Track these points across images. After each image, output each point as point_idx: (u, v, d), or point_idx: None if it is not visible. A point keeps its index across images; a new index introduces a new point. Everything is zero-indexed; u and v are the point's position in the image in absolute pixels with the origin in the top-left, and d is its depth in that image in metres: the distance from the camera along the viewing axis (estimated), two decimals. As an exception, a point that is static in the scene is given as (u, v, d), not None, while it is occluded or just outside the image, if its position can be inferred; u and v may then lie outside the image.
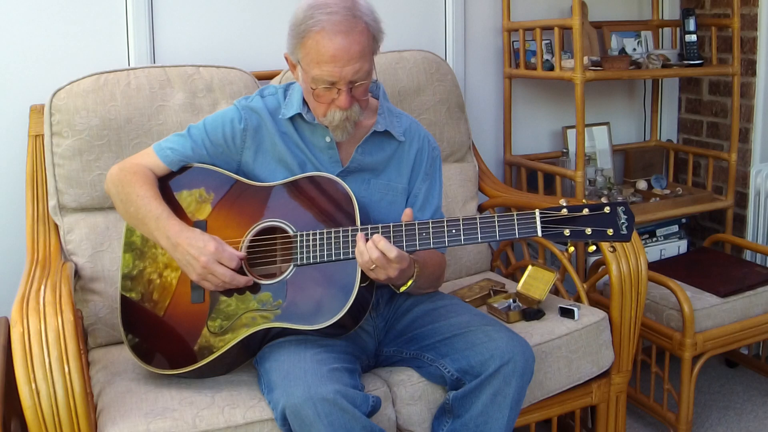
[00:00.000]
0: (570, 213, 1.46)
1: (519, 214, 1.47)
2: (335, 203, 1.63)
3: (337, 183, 1.63)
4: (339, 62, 1.52)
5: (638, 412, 2.46)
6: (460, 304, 1.77)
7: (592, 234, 1.45)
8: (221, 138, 1.71)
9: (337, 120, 1.61)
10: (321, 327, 1.55)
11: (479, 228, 1.50)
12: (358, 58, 1.53)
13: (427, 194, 1.80)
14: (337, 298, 1.56)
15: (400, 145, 1.77)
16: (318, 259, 1.58)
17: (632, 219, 1.46)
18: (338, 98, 1.57)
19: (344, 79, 1.54)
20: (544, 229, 1.47)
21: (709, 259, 2.60)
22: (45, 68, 2.09)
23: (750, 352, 2.75)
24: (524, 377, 1.60)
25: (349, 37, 1.52)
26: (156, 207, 1.62)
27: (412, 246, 1.54)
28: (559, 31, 2.46)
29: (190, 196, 1.70)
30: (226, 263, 1.56)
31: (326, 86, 1.56)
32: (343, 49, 1.51)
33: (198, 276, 1.57)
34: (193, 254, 1.55)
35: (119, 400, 1.57)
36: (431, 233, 1.53)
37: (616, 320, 2.01)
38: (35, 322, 1.42)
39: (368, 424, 1.46)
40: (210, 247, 1.55)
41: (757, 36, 2.77)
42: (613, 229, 1.45)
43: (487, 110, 2.78)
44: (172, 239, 1.58)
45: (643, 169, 3.02)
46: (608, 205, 1.46)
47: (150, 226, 1.62)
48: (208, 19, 2.29)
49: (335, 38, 1.51)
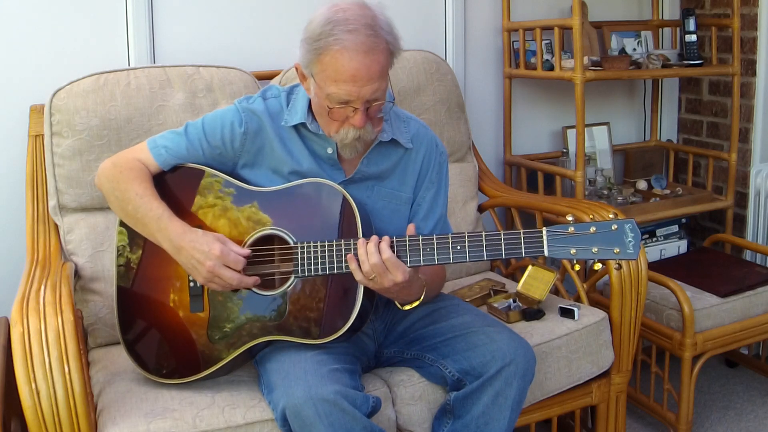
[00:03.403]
0: (577, 231, 1.45)
1: (526, 232, 1.46)
2: (337, 213, 1.58)
3: (339, 192, 1.58)
4: (358, 82, 1.47)
5: (638, 412, 2.46)
6: (461, 305, 1.76)
7: (599, 252, 1.43)
8: (219, 140, 1.65)
9: (350, 138, 1.56)
10: (322, 342, 1.54)
11: (485, 246, 1.48)
12: (377, 78, 1.49)
13: (432, 202, 1.75)
14: (339, 313, 1.54)
15: (407, 152, 1.71)
16: (319, 271, 1.54)
17: (639, 237, 1.44)
18: (353, 117, 1.52)
19: (362, 99, 1.49)
20: (551, 249, 1.45)
21: (709, 259, 2.60)
22: (45, 68, 2.08)
23: (750, 352, 2.75)
24: (525, 378, 1.60)
25: (370, 56, 1.46)
26: (156, 207, 1.57)
27: (416, 261, 1.50)
28: (559, 31, 2.46)
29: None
30: (233, 266, 1.52)
31: (341, 105, 1.51)
32: (364, 69, 1.46)
33: (204, 280, 1.54)
34: (199, 259, 1.51)
35: (119, 400, 1.57)
36: (435, 249, 1.50)
37: (616, 320, 2.01)
38: (35, 322, 1.41)
39: (368, 425, 1.46)
40: (215, 250, 1.51)
41: (757, 36, 2.77)
42: (619, 247, 1.43)
43: (487, 110, 2.78)
44: (175, 242, 1.54)
45: (643, 169, 3.02)
46: (615, 223, 1.44)
47: (151, 227, 1.57)
48: (208, 19, 2.28)
49: (356, 58, 1.45)
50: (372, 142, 1.66)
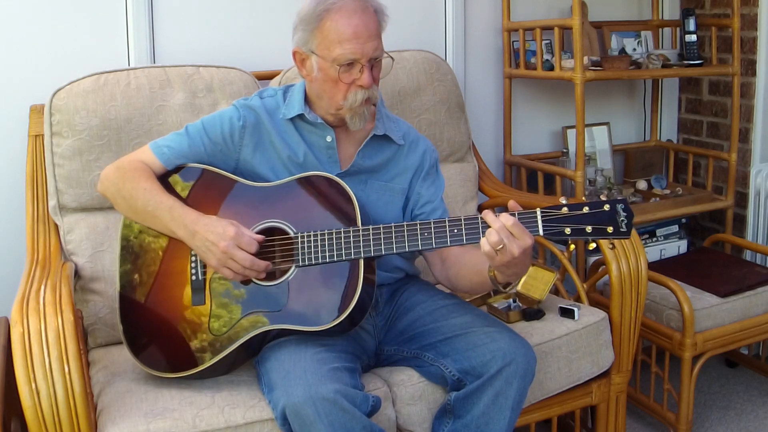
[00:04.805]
0: (570, 211, 1.47)
1: (521, 214, 1.47)
2: (335, 204, 1.62)
3: (337, 183, 1.63)
4: (360, 39, 1.58)
5: (638, 412, 2.46)
6: (461, 304, 1.77)
7: (592, 232, 1.45)
8: (219, 135, 1.70)
9: (359, 100, 1.63)
10: (322, 329, 1.55)
11: (481, 228, 1.50)
12: (376, 36, 1.61)
13: (433, 197, 1.81)
14: (339, 300, 1.56)
15: (399, 149, 1.79)
16: (320, 259, 1.58)
17: (631, 216, 1.46)
18: (360, 77, 1.61)
19: (366, 56, 1.59)
20: (545, 228, 1.47)
21: (709, 259, 2.60)
22: (45, 68, 2.09)
23: (750, 352, 2.75)
24: (526, 378, 1.60)
25: (366, 15, 1.60)
26: (167, 198, 1.61)
27: (414, 246, 1.54)
28: (559, 31, 2.46)
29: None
30: (246, 248, 1.55)
31: (347, 66, 1.59)
32: (363, 26, 1.59)
33: (218, 262, 1.55)
34: (213, 240, 1.54)
35: (119, 400, 1.57)
36: (433, 233, 1.53)
37: (616, 320, 2.01)
38: (35, 322, 1.41)
39: (368, 424, 1.46)
40: (230, 231, 1.54)
41: (757, 36, 2.77)
42: (612, 226, 1.45)
43: (487, 110, 2.78)
44: (189, 227, 1.57)
45: (643, 169, 3.02)
46: (607, 203, 1.46)
47: (163, 218, 1.60)
48: (208, 19, 2.29)
49: (354, 16, 1.58)
50: (366, 134, 1.73)
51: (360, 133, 1.74)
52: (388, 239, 1.55)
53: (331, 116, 1.70)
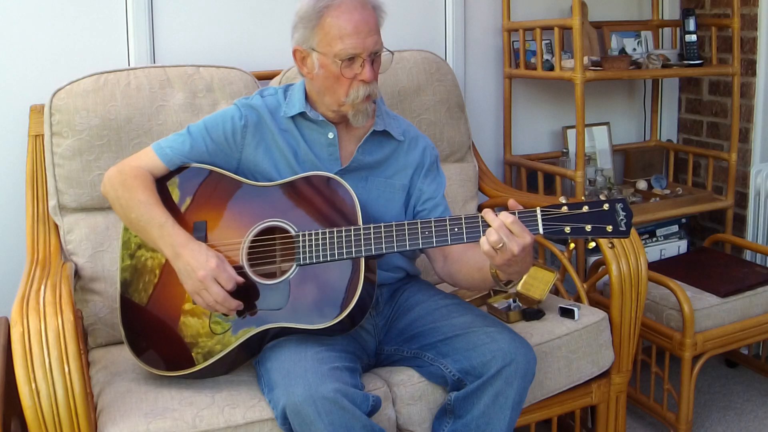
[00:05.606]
0: (570, 210, 1.47)
1: (520, 212, 1.48)
2: (336, 203, 1.63)
3: (338, 182, 1.64)
4: (361, 33, 1.60)
5: (638, 412, 2.46)
6: (462, 304, 1.77)
7: (592, 231, 1.46)
8: (221, 135, 1.71)
9: (361, 96, 1.64)
10: (322, 327, 1.55)
11: (481, 226, 1.50)
12: (375, 31, 1.63)
13: (435, 194, 1.81)
14: (339, 299, 1.56)
15: (399, 145, 1.80)
16: (321, 258, 1.58)
17: (630, 215, 1.47)
18: (362, 72, 1.63)
19: (367, 50, 1.61)
20: (545, 227, 1.47)
21: (709, 259, 2.60)
22: (45, 68, 2.09)
23: (750, 352, 2.75)
24: (526, 378, 1.60)
25: (365, 10, 1.62)
26: (159, 214, 1.60)
27: (415, 244, 1.54)
28: (559, 31, 2.46)
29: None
30: (223, 283, 1.54)
31: (349, 61, 1.61)
32: (363, 21, 1.61)
33: (192, 288, 1.55)
34: (193, 266, 1.54)
35: (119, 400, 1.57)
36: (434, 231, 1.53)
37: (616, 320, 2.01)
38: (35, 322, 1.41)
39: (368, 423, 1.46)
40: (211, 263, 1.53)
41: (757, 36, 2.77)
42: (612, 225, 1.46)
43: (487, 110, 2.78)
44: (176, 248, 1.56)
45: (643, 169, 3.02)
46: (607, 202, 1.47)
47: (153, 234, 1.60)
48: (208, 19, 2.29)
49: (354, 12, 1.60)
50: (366, 130, 1.74)
51: (360, 130, 1.75)
52: (389, 238, 1.55)
53: (333, 113, 1.71)
